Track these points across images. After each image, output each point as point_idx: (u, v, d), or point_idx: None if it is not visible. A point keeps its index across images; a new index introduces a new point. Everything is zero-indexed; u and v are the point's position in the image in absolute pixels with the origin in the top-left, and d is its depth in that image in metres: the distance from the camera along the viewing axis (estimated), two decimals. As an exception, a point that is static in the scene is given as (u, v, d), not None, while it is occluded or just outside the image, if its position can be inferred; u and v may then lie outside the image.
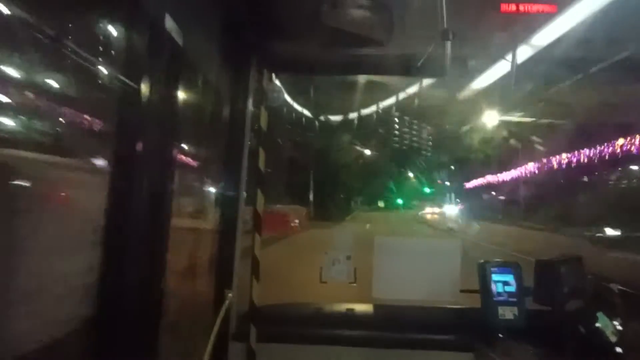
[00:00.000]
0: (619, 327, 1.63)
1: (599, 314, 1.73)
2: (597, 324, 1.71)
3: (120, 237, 1.09)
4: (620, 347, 1.59)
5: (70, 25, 1.21)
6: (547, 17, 1.55)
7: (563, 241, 13.21)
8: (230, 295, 1.92)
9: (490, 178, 30.96)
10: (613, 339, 1.65)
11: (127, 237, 1.10)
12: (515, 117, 15.70)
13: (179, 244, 1.71)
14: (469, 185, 34.30)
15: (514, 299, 1.90)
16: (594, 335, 1.69)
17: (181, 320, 1.73)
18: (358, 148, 26.26)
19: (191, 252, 1.89)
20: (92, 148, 1.29)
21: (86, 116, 1.32)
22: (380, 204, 37.44)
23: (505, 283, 1.93)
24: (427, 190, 37.70)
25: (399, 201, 38.23)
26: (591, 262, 2.08)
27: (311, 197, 24.54)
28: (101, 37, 1.27)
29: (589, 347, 1.69)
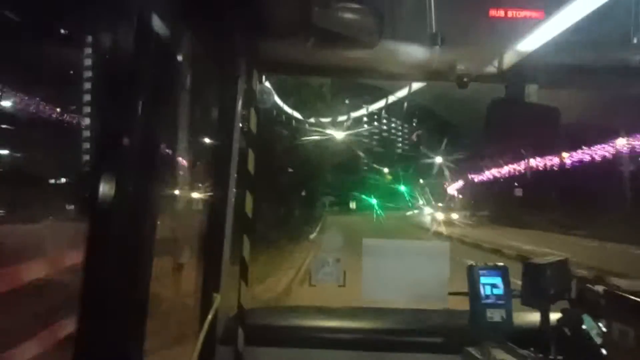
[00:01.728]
0: (604, 329, 1.66)
1: (584, 316, 1.75)
2: (583, 326, 1.73)
3: (104, 241, 1.07)
4: (605, 348, 1.61)
5: (54, 25, 1.19)
6: (535, 23, 1.57)
7: None
8: (218, 298, 1.90)
9: (504, 169, 25.79)
10: (598, 340, 1.67)
11: (110, 240, 1.08)
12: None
13: (166, 247, 1.69)
14: (477, 178, 29.10)
15: (502, 302, 1.92)
16: (580, 337, 1.72)
17: (168, 324, 1.71)
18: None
19: (178, 255, 1.86)
20: (79, 149, 1.26)
21: (70, 116, 1.29)
22: (352, 205, 32.20)
23: (494, 286, 1.95)
24: (403, 188, 32.91)
25: (373, 201, 31.98)
26: None
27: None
28: (86, 37, 1.25)
29: (575, 349, 1.71)
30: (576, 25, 1.55)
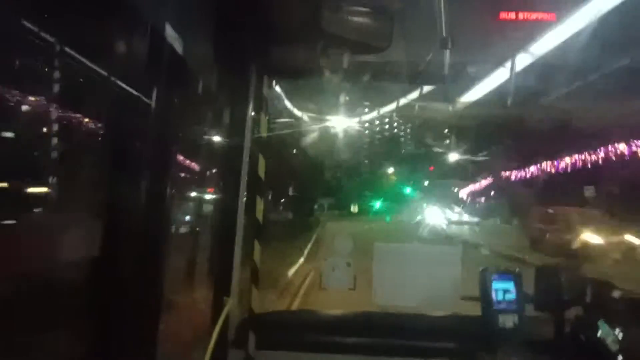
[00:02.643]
0: (620, 336, 1.62)
1: (600, 322, 1.72)
2: (598, 332, 1.70)
3: (119, 246, 1.09)
4: (622, 355, 1.58)
5: (70, 33, 1.22)
6: (546, 25, 1.56)
7: None
8: (229, 302, 1.91)
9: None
10: (614, 347, 1.64)
11: (126, 245, 1.10)
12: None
13: (179, 251, 1.71)
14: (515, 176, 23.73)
15: (515, 307, 1.89)
16: (595, 344, 1.68)
17: (180, 327, 1.72)
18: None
19: (190, 259, 1.88)
20: (94, 154, 1.29)
21: (87, 122, 1.32)
22: (354, 209, 27.86)
23: (506, 291, 1.92)
24: (408, 191, 30.04)
25: (377, 205, 29.00)
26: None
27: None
28: (101, 46, 1.27)
29: (590, 356, 1.67)
30: (588, 27, 1.53)
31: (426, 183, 31.14)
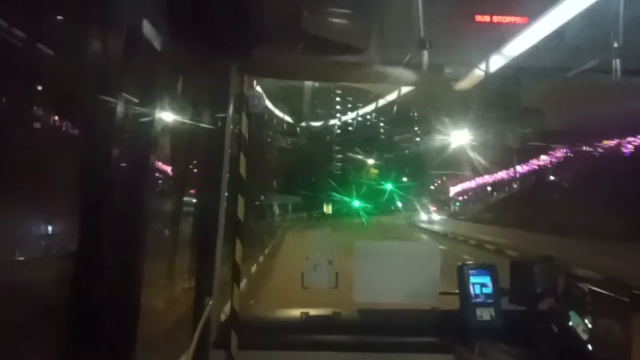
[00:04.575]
0: (590, 325, 1.69)
1: (571, 313, 1.79)
2: (569, 322, 1.77)
3: (96, 248, 1.07)
4: (591, 344, 1.65)
5: (45, 29, 1.19)
6: (519, 28, 1.62)
7: None
8: (210, 302, 1.90)
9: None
10: (584, 336, 1.71)
11: (103, 247, 1.08)
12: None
13: (159, 251, 1.69)
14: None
15: (491, 300, 1.95)
16: (566, 334, 1.76)
17: (161, 328, 1.70)
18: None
19: (171, 259, 1.86)
20: (68, 153, 1.26)
21: (61, 121, 1.29)
22: (327, 209, 22.59)
23: (483, 285, 1.98)
24: (389, 187, 24.88)
25: (355, 204, 22.94)
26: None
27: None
28: (75, 42, 1.25)
29: (562, 345, 1.74)
30: (559, 29, 1.60)
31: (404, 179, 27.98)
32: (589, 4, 1.47)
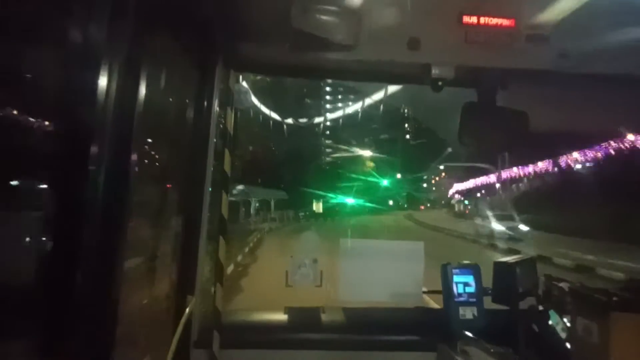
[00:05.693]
0: (569, 324, 1.73)
1: (551, 312, 1.83)
2: (549, 321, 1.81)
3: (72, 242, 1.04)
4: (570, 342, 1.69)
5: (22, 18, 1.14)
6: (506, 30, 1.63)
7: None
8: (192, 300, 1.87)
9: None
10: (563, 335, 1.75)
11: (79, 241, 1.05)
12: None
13: (139, 249, 1.65)
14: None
15: (474, 299, 1.98)
16: (546, 332, 1.79)
17: (140, 327, 1.67)
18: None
19: (152, 257, 1.82)
20: (44, 148, 1.21)
21: (37, 115, 1.24)
22: (317, 207, 19.92)
23: (466, 284, 2.00)
24: (385, 183, 22.85)
25: (349, 201, 19.92)
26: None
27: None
28: (55, 29, 1.20)
29: (542, 343, 1.78)
30: (546, 32, 1.62)
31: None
32: (576, 6, 1.49)
